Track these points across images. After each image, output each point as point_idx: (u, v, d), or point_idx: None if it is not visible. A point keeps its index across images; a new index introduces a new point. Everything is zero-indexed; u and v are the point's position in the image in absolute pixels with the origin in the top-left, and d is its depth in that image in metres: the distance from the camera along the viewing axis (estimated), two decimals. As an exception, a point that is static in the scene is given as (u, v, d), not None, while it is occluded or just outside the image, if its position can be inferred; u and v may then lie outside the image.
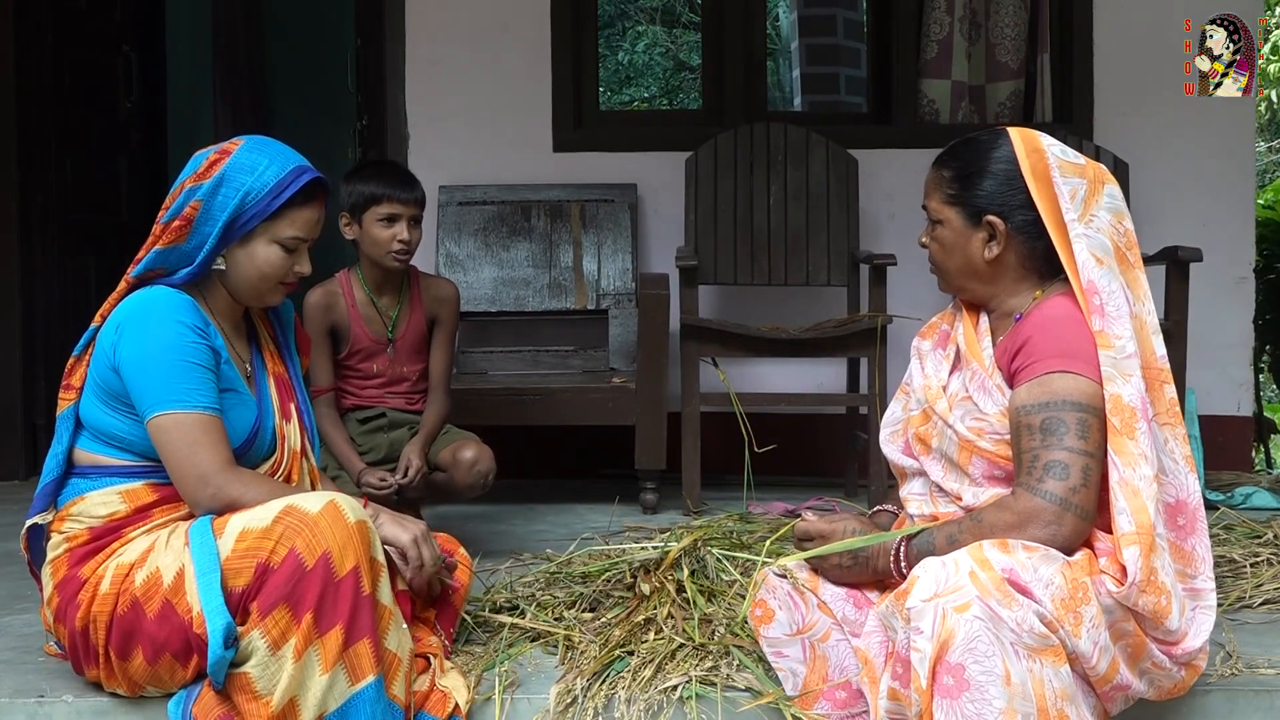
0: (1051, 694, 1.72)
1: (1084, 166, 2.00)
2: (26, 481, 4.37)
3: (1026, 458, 1.88)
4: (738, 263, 4.29)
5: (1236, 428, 4.45)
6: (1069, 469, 1.84)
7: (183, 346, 2.06)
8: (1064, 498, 1.84)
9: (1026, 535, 1.84)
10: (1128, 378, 1.88)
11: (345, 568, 1.95)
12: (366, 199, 3.09)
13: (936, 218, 2.09)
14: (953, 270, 2.09)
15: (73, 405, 2.15)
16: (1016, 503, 1.86)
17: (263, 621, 1.93)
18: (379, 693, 1.96)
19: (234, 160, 2.14)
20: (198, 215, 2.12)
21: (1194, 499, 1.97)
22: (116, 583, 2.04)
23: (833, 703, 2.06)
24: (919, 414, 2.11)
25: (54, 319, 4.58)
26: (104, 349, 2.10)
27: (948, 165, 2.09)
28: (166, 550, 2.04)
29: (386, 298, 3.20)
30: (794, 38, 7.79)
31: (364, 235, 3.11)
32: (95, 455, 2.13)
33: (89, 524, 2.10)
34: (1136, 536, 1.82)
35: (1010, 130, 2.05)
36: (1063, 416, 1.86)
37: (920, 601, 1.74)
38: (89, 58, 4.75)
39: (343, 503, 2.02)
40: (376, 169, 3.23)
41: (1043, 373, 1.90)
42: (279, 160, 2.16)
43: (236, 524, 2.00)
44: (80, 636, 2.07)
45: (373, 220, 3.08)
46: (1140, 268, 2.01)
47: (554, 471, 4.39)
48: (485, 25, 4.53)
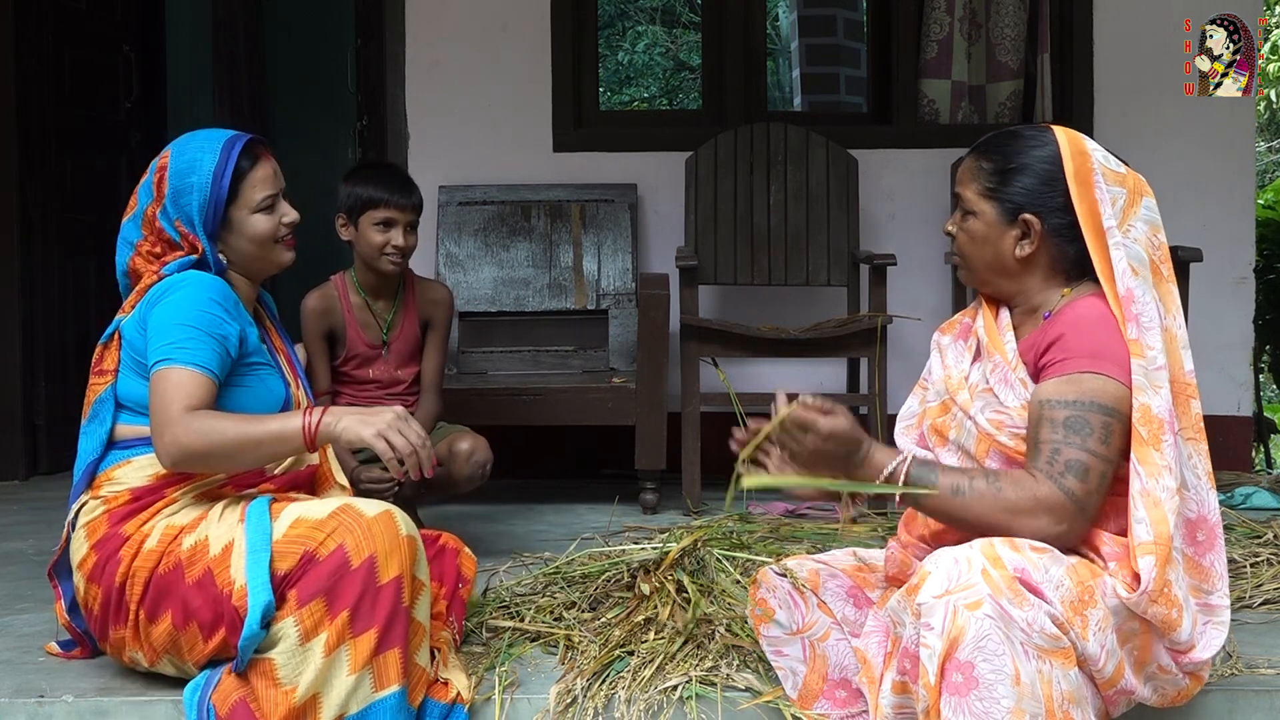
0: (1059, 696, 1.71)
1: (1125, 176, 1.97)
2: (27, 481, 4.35)
3: (1045, 448, 1.85)
4: (738, 263, 4.29)
5: (1236, 428, 4.45)
6: (1089, 471, 1.83)
7: (200, 315, 2.11)
8: (1081, 499, 1.83)
9: (1036, 523, 1.82)
10: (1158, 389, 1.86)
11: (389, 575, 1.98)
12: (363, 202, 3.09)
13: (970, 209, 2.02)
14: (980, 264, 2.04)
15: (110, 387, 2.18)
16: (1039, 487, 1.83)
17: (299, 610, 1.96)
18: (401, 703, 1.98)
19: (173, 169, 2.21)
20: (184, 227, 2.19)
21: (1214, 515, 1.95)
22: (164, 541, 2.07)
23: (833, 702, 2.06)
24: (937, 406, 2.08)
25: (54, 319, 4.57)
26: (137, 319, 2.15)
27: (988, 157, 2.02)
28: (220, 523, 2.07)
29: (381, 301, 3.22)
30: (794, 38, 7.80)
31: (359, 238, 3.12)
32: (139, 428, 2.16)
33: (130, 485, 2.13)
34: (1154, 546, 1.81)
35: (1056, 130, 2.00)
36: (1088, 417, 1.84)
37: (931, 598, 1.73)
38: (89, 58, 4.75)
39: (397, 514, 2.05)
40: (374, 172, 3.22)
41: (1074, 371, 1.87)
42: (208, 145, 2.21)
43: (293, 512, 2.05)
44: (116, 593, 2.09)
45: (368, 224, 3.09)
46: (1173, 281, 1.98)
47: (554, 471, 4.39)
48: (485, 25, 4.53)
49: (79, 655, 2.33)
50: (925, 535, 2.08)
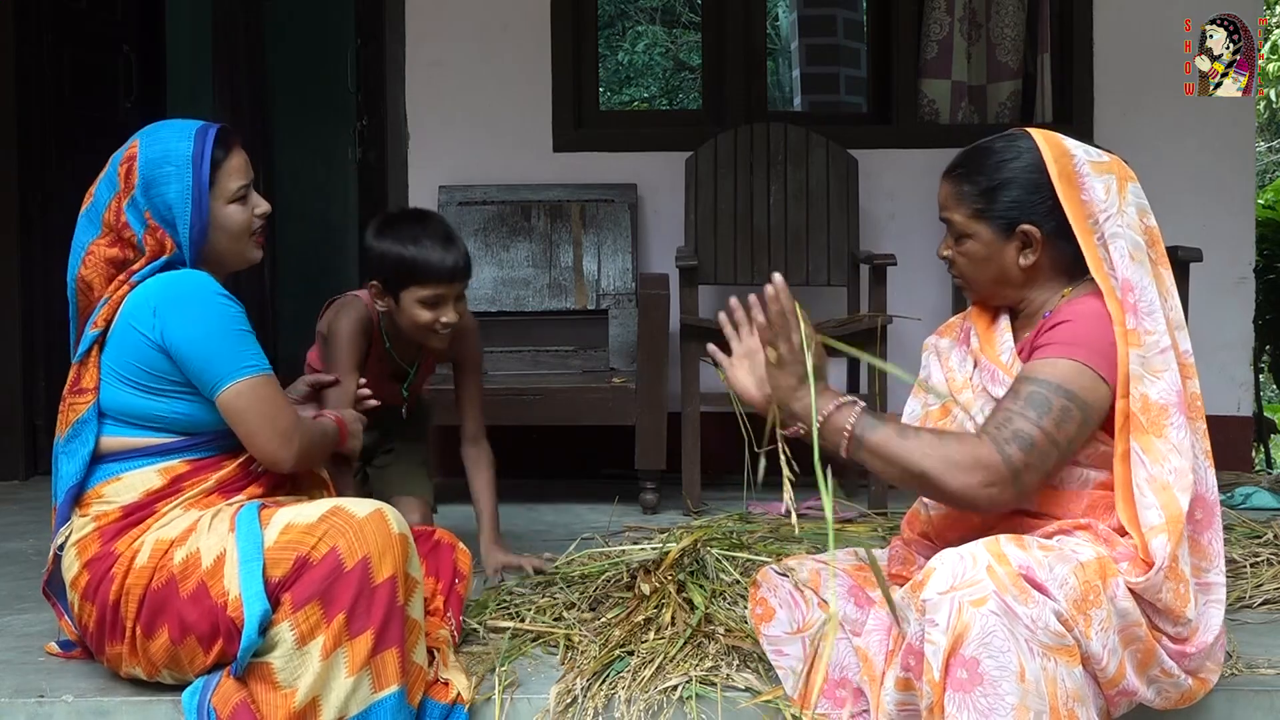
0: (1063, 693, 1.72)
1: (1109, 163, 1.98)
2: (26, 481, 4.35)
3: (1000, 414, 1.88)
4: (738, 263, 4.29)
5: (1236, 428, 4.45)
6: (1033, 446, 1.84)
7: (233, 316, 2.11)
8: (1018, 469, 1.84)
9: (968, 478, 1.83)
10: (1158, 375, 1.88)
11: (383, 575, 1.98)
12: (404, 275, 2.62)
13: (963, 232, 2.02)
14: (985, 282, 2.05)
15: (92, 406, 2.12)
16: (980, 447, 1.85)
17: (294, 615, 1.95)
18: (400, 703, 1.98)
19: (143, 158, 2.16)
20: (160, 221, 2.13)
21: (1212, 494, 1.97)
22: (155, 557, 2.05)
23: (833, 702, 2.06)
24: (938, 409, 2.09)
25: (54, 319, 4.56)
26: (139, 333, 2.09)
27: (967, 178, 2.02)
28: (209, 533, 2.05)
29: (405, 346, 2.83)
30: (794, 38, 7.80)
31: (400, 313, 2.67)
32: (129, 439, 2.13)
33: (121, 503, 2.11)
34: (1165, 527, 1.83)
35: (1032, 133, 2.01)
36: (1050, 397, 1.86)
37: (936, 594, 1.74)
38: (89, 58, 4.75)
39: (389, 513, 2.05)
40: (413, 231, 2.64)
41: (1053, 355, 1.90)
42: (181, 133, 2.17)
43: (283, 517, 2.04)
44: (111, 611, 2.07)
45: (412, 300, 2.63)
46: (1166, 265, 1.99)
47: (554, 471, 4.39)
48: (485, 25, 4.53)
49: (79, 656, 2.32)
50: (928, 532, 2.09)
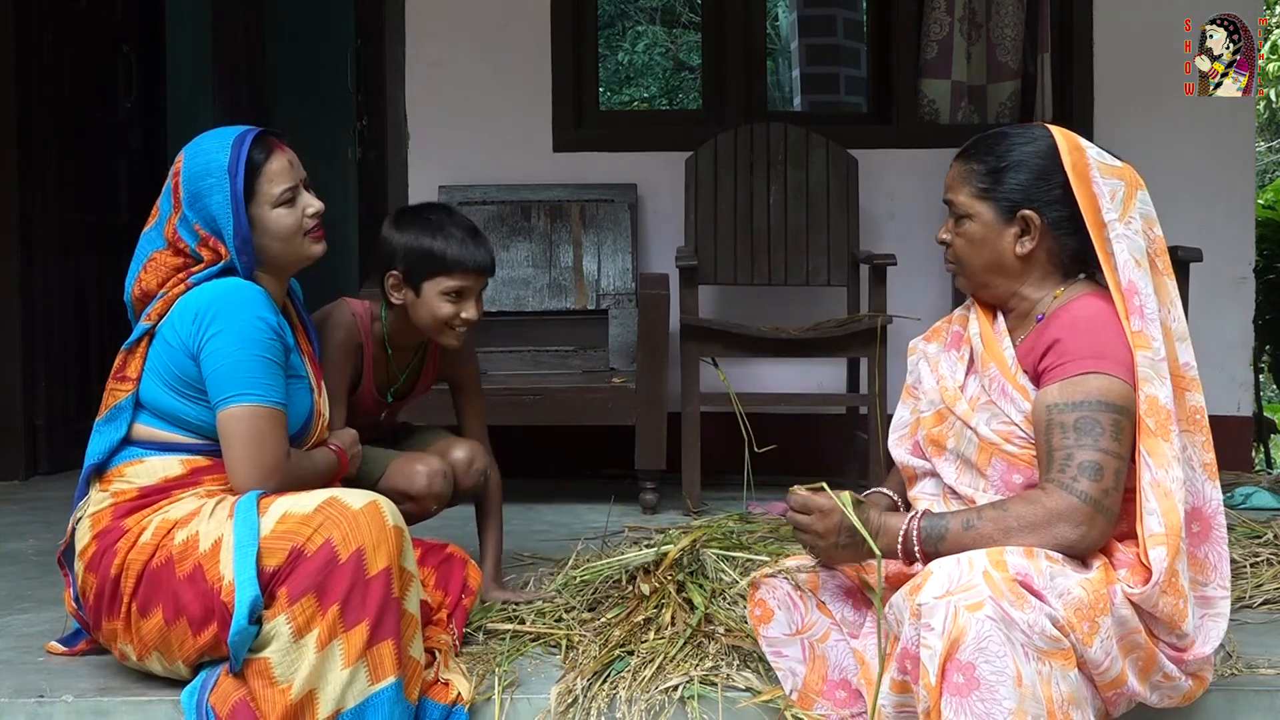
0: (1060, 697, 1.72)
1: (1121, 169, 1.97)
2: (26, 481, 4.35)
3: (1059, 455, 1.84)
4: (738, 263, 4.29)
5: (1236, 428, 4.45)
6: (1103, 470, 1.82)
7: (261, 342, 2.11)
8: (1097, 499, 1.82)
9: (1054, 533, 1.81)
10: (1164, 380, 1.87)
11: (377, 566, 1.98)
12: (430, 265, 2.50)
13: (964, 212, 2.01)
14: (979, 267, 2.03)
15: (131, 395, 2.17)
16: (1048, 499, 1.83)
17: (290, 608, 1.96)
18: (398, 694, 1.98)
19: (186, 174, 2.19)
20: (210, 231, 2.17)
21: (1210, 506, 1.96)
22: (157, 535, 2.08)
23: (833, 703, 2.06)
24: (931, 415, 2.07)
25: (54, 319, 4.57)
26: (179, 338, 2.13)
27: (977, 159, 2.01)
28: (210, 519, 2.07)
29: (404, 355, 2.68)
30: (794, 38, 7.80)
31: (419, 306, 2.52)
32: (159, 432, 2.17)
33: (140, 484, 2.14)
34: (1165, 537, 1.81)
35: (1049, 126, 2.01)
36: (1097, 417, 1.84)
37: (932, 598, 1.74)
38: (89, 58, 4.75)
39: (384, 504, 2.05)
40: (439, 220, 2.55)
41: (1076, 373, 1.87)
42: (219, 143, 2.19)
43: (280, 506, 2.04)
44: (111, 584, 2.10)
45: (435, 292, 2.50)
46: (1170, 275, 1.98)
47: (554, 471, 4.39)
48: (485, 25, 4.53)
49: (83, 648, 2.33)
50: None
